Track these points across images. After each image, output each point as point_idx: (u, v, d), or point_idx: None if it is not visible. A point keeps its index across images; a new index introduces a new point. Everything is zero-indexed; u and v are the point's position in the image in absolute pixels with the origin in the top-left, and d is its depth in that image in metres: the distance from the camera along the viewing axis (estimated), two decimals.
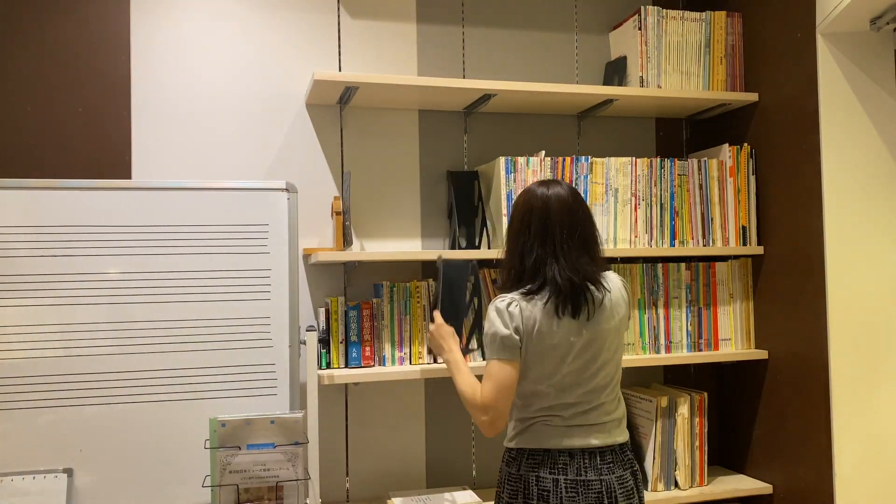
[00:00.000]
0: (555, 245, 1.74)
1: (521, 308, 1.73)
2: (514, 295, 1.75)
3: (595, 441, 1.73)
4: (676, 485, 2.39)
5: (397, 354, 2.26)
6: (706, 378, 2.75)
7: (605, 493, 1.69)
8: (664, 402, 2.39)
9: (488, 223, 2.39)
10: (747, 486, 2.41)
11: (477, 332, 2.24)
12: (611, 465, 1.73)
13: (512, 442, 1.80)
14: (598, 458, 1.72)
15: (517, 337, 1.72)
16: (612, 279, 1.83)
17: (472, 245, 2.39)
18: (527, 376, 1.75)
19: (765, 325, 2.46)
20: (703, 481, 2.41)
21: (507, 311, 1.73)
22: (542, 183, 1.81)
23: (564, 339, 1.72)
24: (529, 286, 1.75)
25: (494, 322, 1.74)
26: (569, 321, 1.73)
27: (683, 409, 2.39)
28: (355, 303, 2.24)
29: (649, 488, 2.38)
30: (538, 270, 1.75)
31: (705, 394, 2.43)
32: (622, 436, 1.78)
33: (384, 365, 2.25)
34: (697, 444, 2.41)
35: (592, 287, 1.75)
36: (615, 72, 2.59)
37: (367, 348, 2.24)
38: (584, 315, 1.74)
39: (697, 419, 2.41)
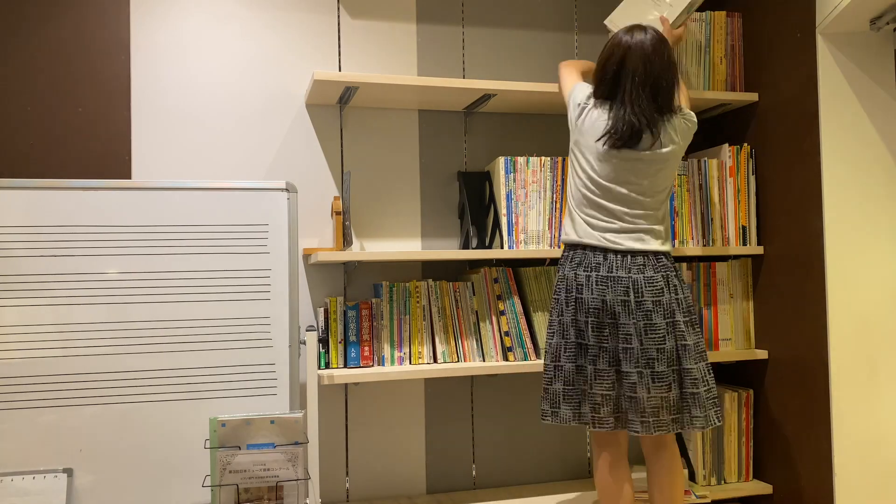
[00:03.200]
0: (624, 93, 1.93)
1: (591, 105, 2.00)
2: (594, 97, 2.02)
3: (628, 245, 1.93)
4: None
5: (396, 354, 2.26)
6: None
7: (631, 288, 1.90)
8: None
9: (501, 222, 2.38)
10: (747, 486, 2.41)
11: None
12: (642, 266, 1.91)
13: (564, 236, 2.05)
14: (631, 260, 1.92)
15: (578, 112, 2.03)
16: (679, 127, 1.99)
17: (483, 245, 2.39)
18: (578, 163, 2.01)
19: (765, 325, 2.46)
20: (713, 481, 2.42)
21: (582, 92, 2.05)
22: (629, 30, 1.96)
23: (611, 155, 1.95)
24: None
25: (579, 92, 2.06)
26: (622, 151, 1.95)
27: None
28: (354, 303, 2.24)
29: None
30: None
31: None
32: (659, 245, 1.96)
33: (383, 365, 2.25)
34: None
35: (652, 131, 1.94)
36: None
37: (366, 348, 2.24)
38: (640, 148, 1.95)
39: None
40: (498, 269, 2.33)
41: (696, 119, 2.03)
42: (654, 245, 1.95)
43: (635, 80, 1.90)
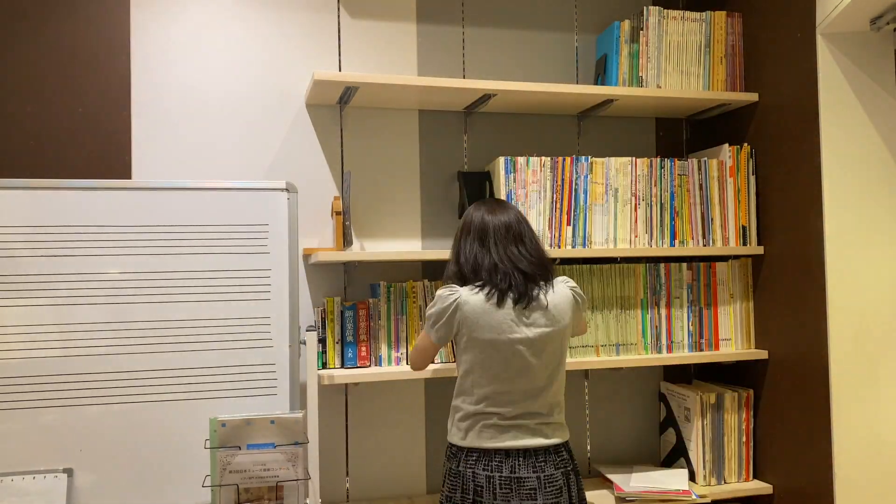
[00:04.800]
0: (497, 248, 1.89)
1: (463, 300, 1.85)
2: (461, 289, 1.88)
3: (529, 442, 1.84)
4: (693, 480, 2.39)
5: (394, 355, 2.26)
6: (706, 378, 2.74)
7: (537, 488, 1.80)
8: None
9: None
10: (747, 486, 2.41)
11: None
12: (543, 463, 1.83)
13: (453, 438, 1.90)
14: (533, 457, 1.83)
15: (449, 328, 1.88)
16: (559, 284, 1.94)
17: None
18: (463, 366, 1.89)
19: (765, 325, 2.46)
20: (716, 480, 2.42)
21: (448, 300, 1.87)
22: (489, 210, 1.94)
23: (503, 335, 1.83)
24: (476, 283, 1.88)
25: (435, 304, 1.90)
26: (510, 318, 1.84)
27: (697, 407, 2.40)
28: (351, 303, 2.24)
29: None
30: (479, 268, 1.89)
31: (713, 394, 2.43)
32: (557, 437, 1.87)
33: (380, 365, 2.25)
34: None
35: (534, 285, 1.88)
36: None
37: (363, 348, 2.24)
38: (526, 310, 1.85)
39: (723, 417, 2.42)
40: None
41: None
42: (556, 439, 1.88)
43: (506, 240, 1.95)
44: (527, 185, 2.32)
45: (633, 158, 2.40)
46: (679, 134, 2.78)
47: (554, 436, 1.86)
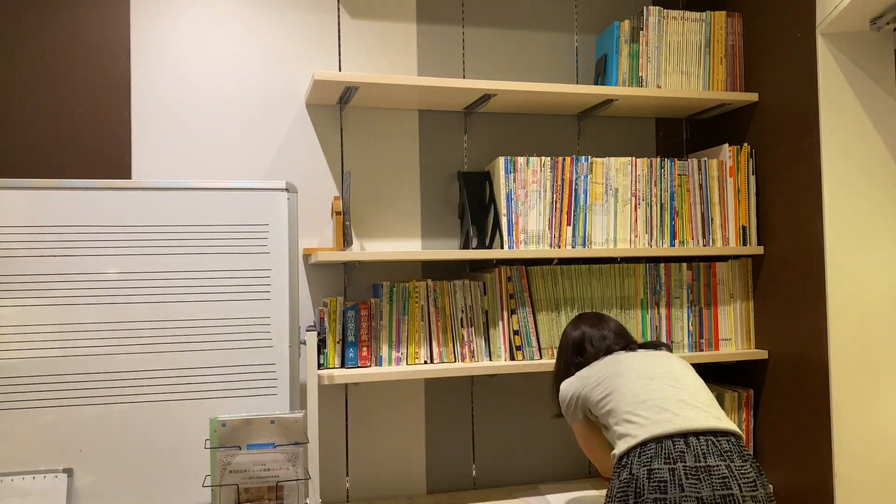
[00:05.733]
0: (602, 326, 2.09)
1: (583, 373, 1.96)
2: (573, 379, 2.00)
3: (709, 423, 1.59)
4: None
5: (394, 355, 2.26)
6: (706, 378, 2.74)
7: (729, 477, 1.53)
8: None
9: (501, 222, 2.38)
10: None
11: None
12: (728, 452, 1.57)
13: (619, 448, 1.66)
14: (716, 445, 1.57)
15: (581, 386, 1.94)
16: None
17: (483, 245, 2.38)
18: (610, 420, 1.78)
19: (765, 325, 2.46)
20: None
21: (573, 380, 1.98)
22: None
23: (634, 368, 1.86)
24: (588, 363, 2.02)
25: (564, 394, 2.01)
26: (634, 356, 1.93)
27: None
28: (353, 303, 2.24)
29: None
30: (591, 348, 2.05)
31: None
32: (734, 426, 1.66)
33: (381, 365, 2.25)
34: None
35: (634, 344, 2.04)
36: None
37: (365, 349, 2.24)
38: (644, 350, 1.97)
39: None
40: (512, 267, 2.33)
41: None
42: (733, 425, 1.69)
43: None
44: (527, 185, 2.32)
45: (633, 158, 2.40)
46: (679, 134, 2.78)
47: (730, 423, 1.63)
